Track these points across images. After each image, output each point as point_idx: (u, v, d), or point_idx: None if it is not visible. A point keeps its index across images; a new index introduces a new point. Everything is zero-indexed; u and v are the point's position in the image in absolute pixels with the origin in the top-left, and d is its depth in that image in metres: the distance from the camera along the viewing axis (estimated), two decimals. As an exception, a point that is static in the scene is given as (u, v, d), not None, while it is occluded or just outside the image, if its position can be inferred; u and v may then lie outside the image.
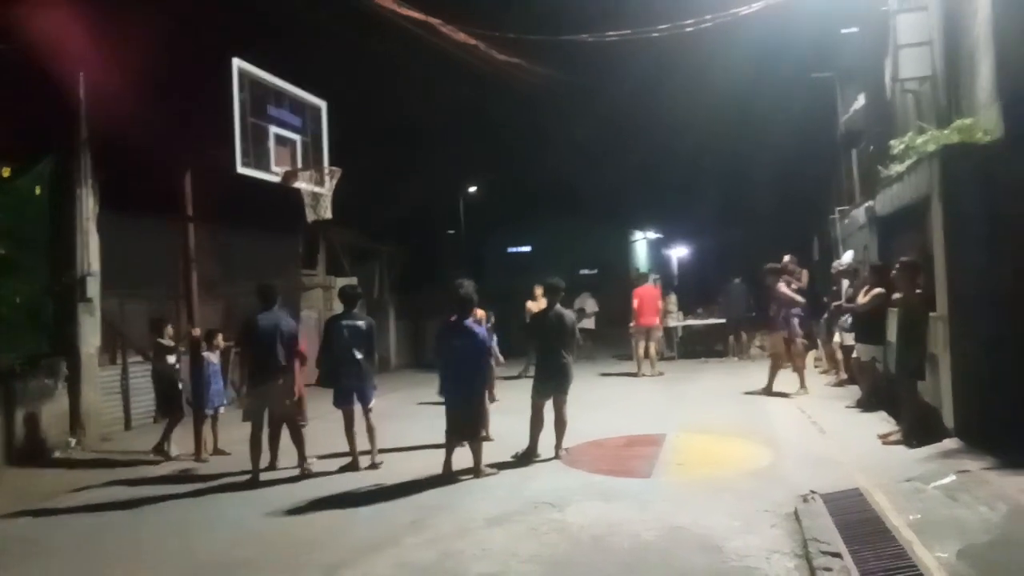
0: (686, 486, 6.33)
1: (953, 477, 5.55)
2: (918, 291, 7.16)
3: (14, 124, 8.23)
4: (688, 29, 10.15)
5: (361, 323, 7.46)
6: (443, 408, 7.14)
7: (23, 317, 8.83)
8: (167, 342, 8.50)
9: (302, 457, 7.34)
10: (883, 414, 8.32)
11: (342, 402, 7.42)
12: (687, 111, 22.71)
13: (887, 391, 8.38)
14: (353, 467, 7.33)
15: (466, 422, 6.96)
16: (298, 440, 7.35)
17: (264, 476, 7.15)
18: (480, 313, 8.49)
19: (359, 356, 7.32)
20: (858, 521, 4.91)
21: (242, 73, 8.58)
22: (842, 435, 7.76)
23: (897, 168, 8.20)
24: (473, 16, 11.11)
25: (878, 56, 10.46)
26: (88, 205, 9.27)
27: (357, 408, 7.46)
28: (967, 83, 7.45)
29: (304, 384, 8.17)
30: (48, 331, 9.05)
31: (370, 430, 7.45)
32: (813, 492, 5.56)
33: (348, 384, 7.36)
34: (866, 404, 8.95)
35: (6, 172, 8.90)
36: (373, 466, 7.33)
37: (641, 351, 13.62)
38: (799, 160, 20.02)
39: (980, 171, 6.58)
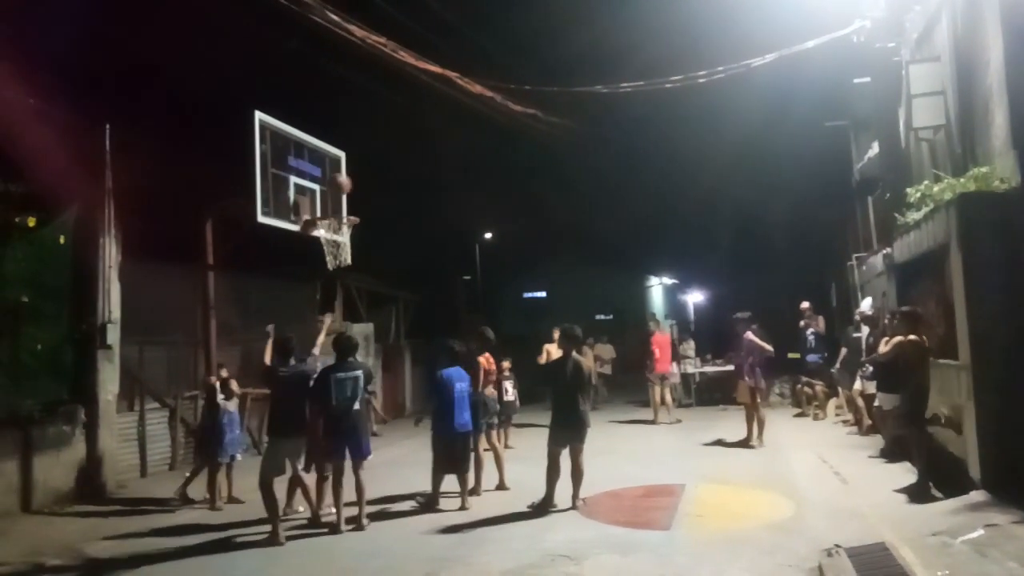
0: (706, 539, 6.20)
1: (981, 531, 5.40)
2: (911, 337, 7.12)
3: (41, 174, 8.44)
4: (702, 80, 10.30)
5: (357, 372, 7.07)
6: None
7: (43, 364, 8.92)
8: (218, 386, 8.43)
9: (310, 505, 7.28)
10: (907, 464, 8.14)
11: (336, 455, 7.05)
12: (703, 158, 22.93)
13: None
14: (335, 529, 6.84)
15: (465, 455, 7.65)
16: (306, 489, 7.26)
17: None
18: (487, 362, 8.50)
19: (355, 408, 7.00)
20: (884, 577, 4.79)
21: (263, 125, 8.80)
22: (865, 486, 7.60)
23: (914, 216, 8.18)
24: (490, 69, 11.36)
25: (892, 105, 10.53)
26: (111, 253, 9.41)
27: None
28: (982, 131, 7.47)
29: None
30: (68, 378, 9.12)
31: (359, 488, 6.99)
32: (837, 546, 5.43)
33: (344, 437, 7.00)
34: (889, 454, 8.78)
35: (32, 221, 9.11)
36: (358, 527, 6.86)
37: (658, 398, 13.53)
38: (815, 207, 20.04)
39: (998, 219, 6.55)
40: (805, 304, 13.46)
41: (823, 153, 17.06)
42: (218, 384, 8.43)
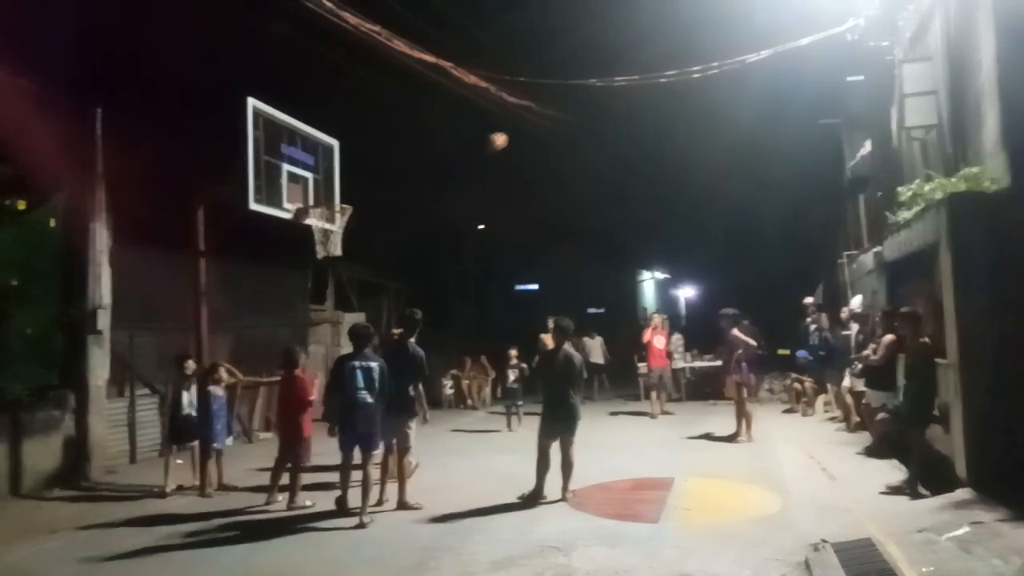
0: (694, 532, 6.25)
1: (967, 528, 5.46)
2: (921, 339, 7.18)
3: (31, 157, 8.37)
4: (696, 75, 10.31)
5: (374, 364, 6.99)
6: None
7: (33, 348, 8.87)
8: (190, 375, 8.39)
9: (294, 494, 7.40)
10: (894, 462, 8.21)
11: (346, 446, 7.00)
12: (696, 154, 22.87)
13: (898, 438, 8.30)
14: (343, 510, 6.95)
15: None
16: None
17: (270, 514, 7.13)
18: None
19: (370, 400, 6.89)
20: (870, 572, 4.84)
21: (257, 112, 8.75)
22: (852, 482, 7.66)
23: (905, 215, 8.23)
24: (485, 60, 11.33)
25: (884, 104, 10.57)
26: (101, 238, 9.35)
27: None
28: (973, 132, 7.51)
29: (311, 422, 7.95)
30: (57, 363, 9.07)
31: (365, 481, 6.85)
32: (824, 541, 5.49)
33: (355, 429, 6.92)
34: (877, 451, 8.84)
35: (21, 205, 9.03)
36: (360, 525, 6.66)
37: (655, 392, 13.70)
38: (806, 204, 20.09)
39: (988, 219, 6.60)
40: (808, 299, 13.36)
41: (816, 151, 17.08)
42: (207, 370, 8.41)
